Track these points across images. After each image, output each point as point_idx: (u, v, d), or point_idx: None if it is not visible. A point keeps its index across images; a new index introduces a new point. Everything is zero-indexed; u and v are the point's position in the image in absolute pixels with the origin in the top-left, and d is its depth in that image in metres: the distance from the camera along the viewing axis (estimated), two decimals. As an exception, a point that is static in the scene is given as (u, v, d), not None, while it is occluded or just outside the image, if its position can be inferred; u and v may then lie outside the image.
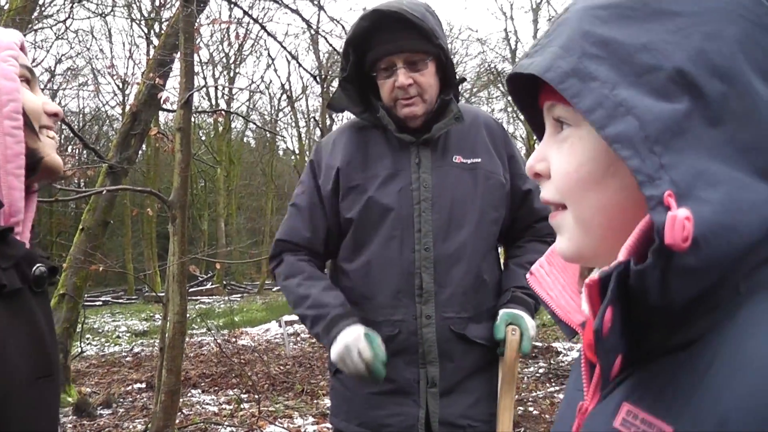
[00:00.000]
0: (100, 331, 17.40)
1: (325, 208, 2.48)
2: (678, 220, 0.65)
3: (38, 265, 1.25)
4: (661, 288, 0.69)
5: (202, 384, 9.57)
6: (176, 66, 7.87)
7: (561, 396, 7.69)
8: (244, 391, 8.94)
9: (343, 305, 2.34)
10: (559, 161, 0.84)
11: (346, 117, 9.71)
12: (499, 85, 26.81)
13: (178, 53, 6.62)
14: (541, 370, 9.43)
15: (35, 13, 9.49)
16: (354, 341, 2.21)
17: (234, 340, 13.65)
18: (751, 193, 0.70)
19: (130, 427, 7.53)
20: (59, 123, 1.45)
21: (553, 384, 8.62)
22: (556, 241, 0.90)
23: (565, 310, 0.93)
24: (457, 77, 2.43)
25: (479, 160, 2.43)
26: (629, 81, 0.72)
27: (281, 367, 10.51)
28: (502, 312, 2.37)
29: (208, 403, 8.43)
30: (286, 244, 2.54)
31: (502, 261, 2.64)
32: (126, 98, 30.67)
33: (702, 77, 0.71)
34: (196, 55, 6.45)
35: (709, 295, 0.71)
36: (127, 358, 12.70)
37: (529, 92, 0.92)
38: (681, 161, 0.69)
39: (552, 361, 9.91)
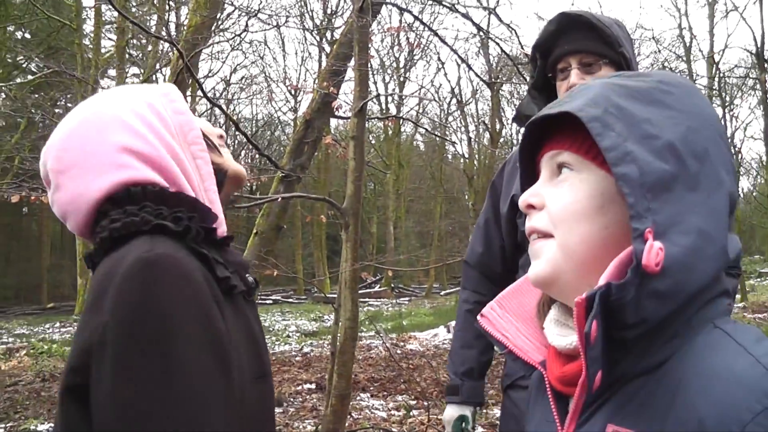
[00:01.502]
0: (271, 329, 18.01)
1: (500, 225, 2.56)
2: (654, 248, 0.85)
3: (250, 276, 1.40)
4: (636, 306, 0.87)
5: (371, 388, 9.67)
6: (349, 72, 8.00)
7: None
8: (412, 397, 8.96)
9: (462, 374, 2.61)
10: (558, 196, 1.01)
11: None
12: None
13: (352, 62, 6.71)
14: None
15: (213, 27, 9.93)
16: (448, 420, 2.60)
17: (402, 344, 13.75)
18: (711, 246, 0.91)
19: (300, 426, 7.72)
20: (233, 130, 1.62)
21: None
22: (533, 267, 1.03)
23: (523, 350, 1.10)
24: None
25: None
26: (636, 139, 0.91)
27: (450, 374, 10.44)
28: None
29: (377, 408, 8.51)
30: (466, 267, 2.74)
31: None
32: (297, 104, 31.74)
33: (686, 154, 0.92)
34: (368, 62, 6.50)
35: (669, 325, 0.91)
36: (297, 358, 13.05)
37: (535, 144, 1.10)
38: (664, 209, 0.88)
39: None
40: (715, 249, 0.92)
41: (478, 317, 1.15)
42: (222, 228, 1.35)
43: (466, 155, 35.10)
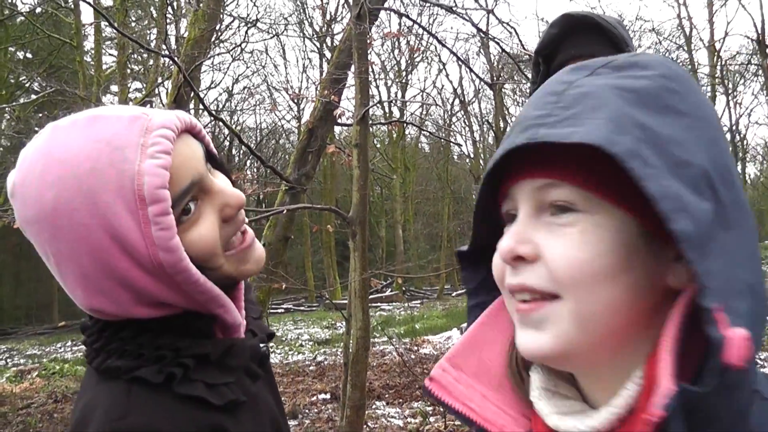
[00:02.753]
0: (284, 339, 17.98)
1: None
2: (739, 339, 0.63)
3: (262, 346, 1.25)
4: (729, 410, 0.67)
5: (386, 396, 9.62)
6: (350, 79, 7.95)
7: None
8: (428, 403, 8.89)
9: None
10: (565, 248, 0.75)
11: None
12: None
13: (352, 69, 6.67)
14: None
15: (213, 39, 9.91)
16: None
17: (416, 348, 13.69)
18: (763, 307, 0.71)
19: (317, 438, 7.67)
20: (237, 142, 1.33)
21: None
22: (528, 338, 0.78)
23: (496, 424, 0.86)
24: None
25: None
26: (670, 170, 0.69)
27: (464, 378, 10.39)
28: None
29: (393, 416, 8.45)
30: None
31: None
32: (300, 111, 31.78)
33: (718, 182, 0.72)
34: (369, 68, 6.46)
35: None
36: (311, 367, 13.00)
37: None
38: (716, 266, 0.67)
39: None
40: (763, 305, 0.72)
41: (426, 382, 0.91)
42: (236, 327, 1.19)
43: (472, 155, 35.04)
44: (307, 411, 9.06)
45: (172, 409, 1.04)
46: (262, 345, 1.25)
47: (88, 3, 6.69)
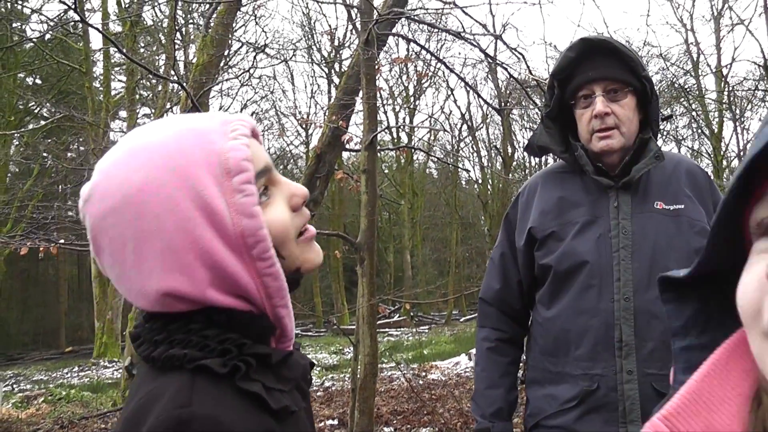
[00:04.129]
0: (292, 364, 17.88)
1: (517, 260, 2.48)
2: None
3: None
4: None
5: (394, 422, 9.53)
6: (358, 105, 7.97)
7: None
8: (436, 429, 8.81)
9: (491, 415, 2.43)
10: None
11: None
12: (682, 100, 25.63)
13: (360, 94, 6.68)
14: None
15: (221, 64, 9.97)
16: None
17: (424, 374, 13.61)
18: None
19: (325, 465, 7.60)
20: None
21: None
22: None
23: None
24: (662, 115, 2.29)
25: (682, 206, 2.29)
26: None
27: (473, 404, 10.31)
28: None
29: (400, 443, 8.38)
30: (483, 305, 2.61)
31: None
32: (309, 137, 31.89)
33: None
34: (377, 93, 6.48)
35: None
36: (318, 393, 12.93)
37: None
38: None
39: None
40: None
41: (657, 420, 0.65)
42: (289, 340, 1.21)
43: (480, 181, 35.08)
44: (314, 438, 8.99)
45: (234, 402, 1.05)
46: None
47: (98, 29, 6.74)
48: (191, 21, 21.08)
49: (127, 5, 21.10)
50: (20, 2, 22.43)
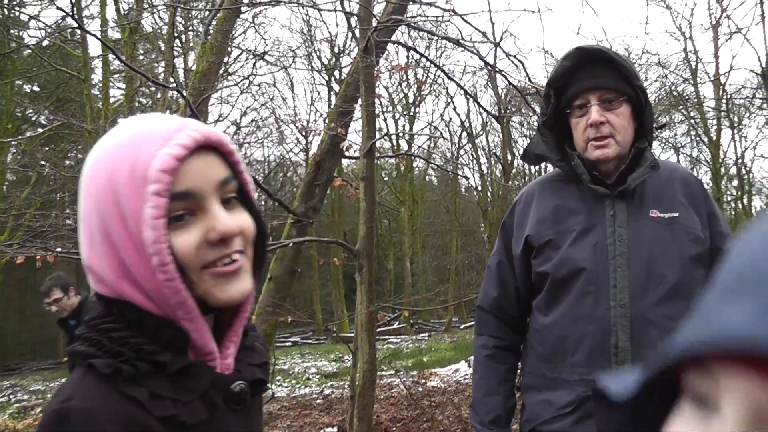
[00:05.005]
0: (291, 372, 17.84)
1: (514, 267, 2.50)
2: None
3: (238, 383, 1.23)
4: None
5: (394, 429, 9.51)
6: (357, 112, 7.96)
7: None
8: (435, 437, 8.79)
9: (490, 423, 2.45)
10: None
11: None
12: (681, 108, 25.68)
13: (359, 102, 6.68)
14: None
15: (221, 72, 9.95)
16: None
17: (423, 381, 13.58)
18: None
19: (324, 474, 7.57)
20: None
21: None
22: None
23: None
24: (656, 123, 2.30)
25: (677, 214, 2.33)
26: None
27: (472, 411, 10.28)
28: None
29: (400, 451, 8.34)
30: (480, 312, 2.63)
31: None
32: (308, 144, 31.89)
33: None
34: (376, 101, 6.47)
35: None
36: (318, 401, 12.89)
37: None
38: None
39: None
40: None
41: None
42: (207, 354, 1.20)
43: (480, 188, 35.04)
44: (313, 445, 8.96)
45: (113, 402, 1.09)
46: (240, 383, 1.24)
47: (96, 36, 6.73)
48: (191, 28, 21.10)
49: (126, 12, 21.08)
50: (18, 9, 22.43)
